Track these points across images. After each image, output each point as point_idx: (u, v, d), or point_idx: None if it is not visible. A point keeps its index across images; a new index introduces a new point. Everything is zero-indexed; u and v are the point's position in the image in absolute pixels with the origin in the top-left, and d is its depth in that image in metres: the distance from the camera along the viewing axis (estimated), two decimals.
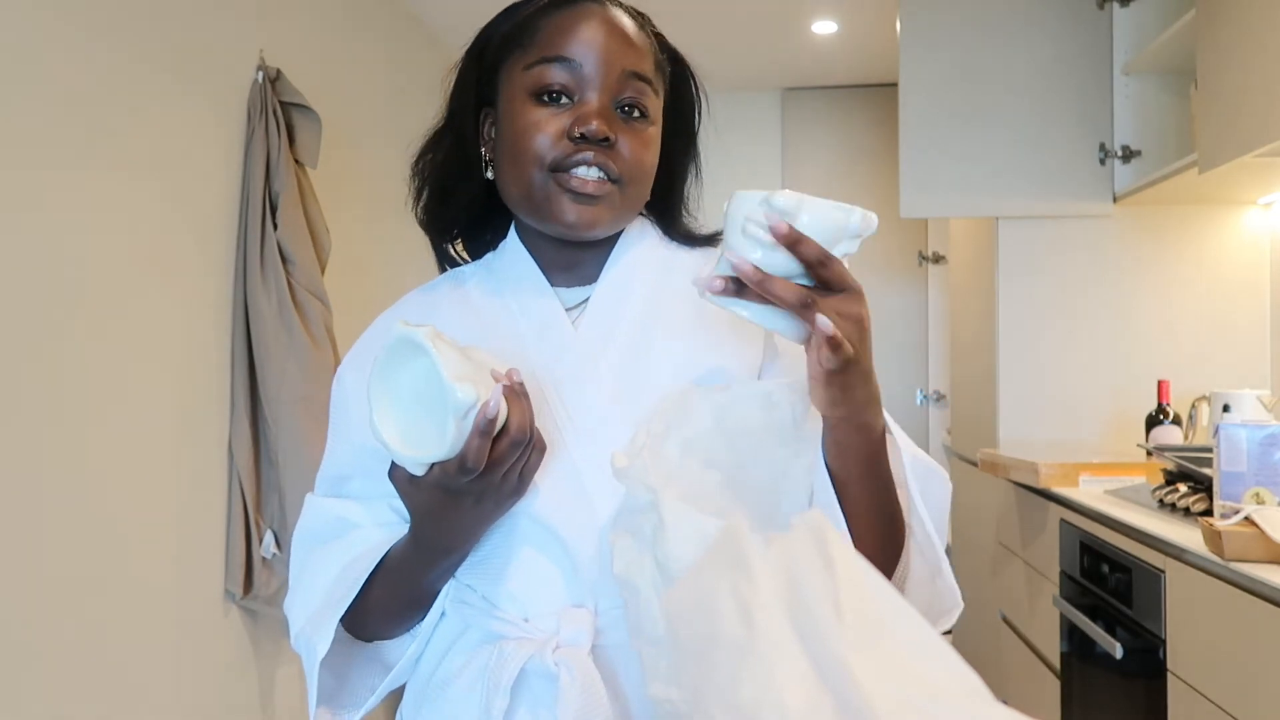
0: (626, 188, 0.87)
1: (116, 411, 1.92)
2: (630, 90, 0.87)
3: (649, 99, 0.89)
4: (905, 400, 4.37)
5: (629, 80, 0.87)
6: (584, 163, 0.85)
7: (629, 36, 0.88)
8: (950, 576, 0.83)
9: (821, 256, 0.70)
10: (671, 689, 0.65)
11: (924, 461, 0.83)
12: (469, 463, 0.73)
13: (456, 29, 3.61)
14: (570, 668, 0.81)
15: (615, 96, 0.87)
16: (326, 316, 2.38)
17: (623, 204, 0.88)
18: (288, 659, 2.55)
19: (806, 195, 0.71)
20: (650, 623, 0.71)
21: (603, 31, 0.87)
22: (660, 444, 0.78)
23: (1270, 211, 2.74)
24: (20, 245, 1.68)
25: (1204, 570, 1.63)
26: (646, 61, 0.89)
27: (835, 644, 0.59)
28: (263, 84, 2.34)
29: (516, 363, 0.88)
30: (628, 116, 0.88)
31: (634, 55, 0.88)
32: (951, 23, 2.84)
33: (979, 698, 0.61)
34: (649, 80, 0.88)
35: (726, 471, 0.78)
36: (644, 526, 0.74)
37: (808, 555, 0.63)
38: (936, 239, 4.29)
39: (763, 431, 0.79)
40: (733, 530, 0.64)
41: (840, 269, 0.71)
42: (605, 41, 0.87)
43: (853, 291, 0.71)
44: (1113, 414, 2.81)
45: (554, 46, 0.86)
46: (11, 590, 1.65)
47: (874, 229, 0.73)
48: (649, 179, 0.90)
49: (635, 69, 0.87)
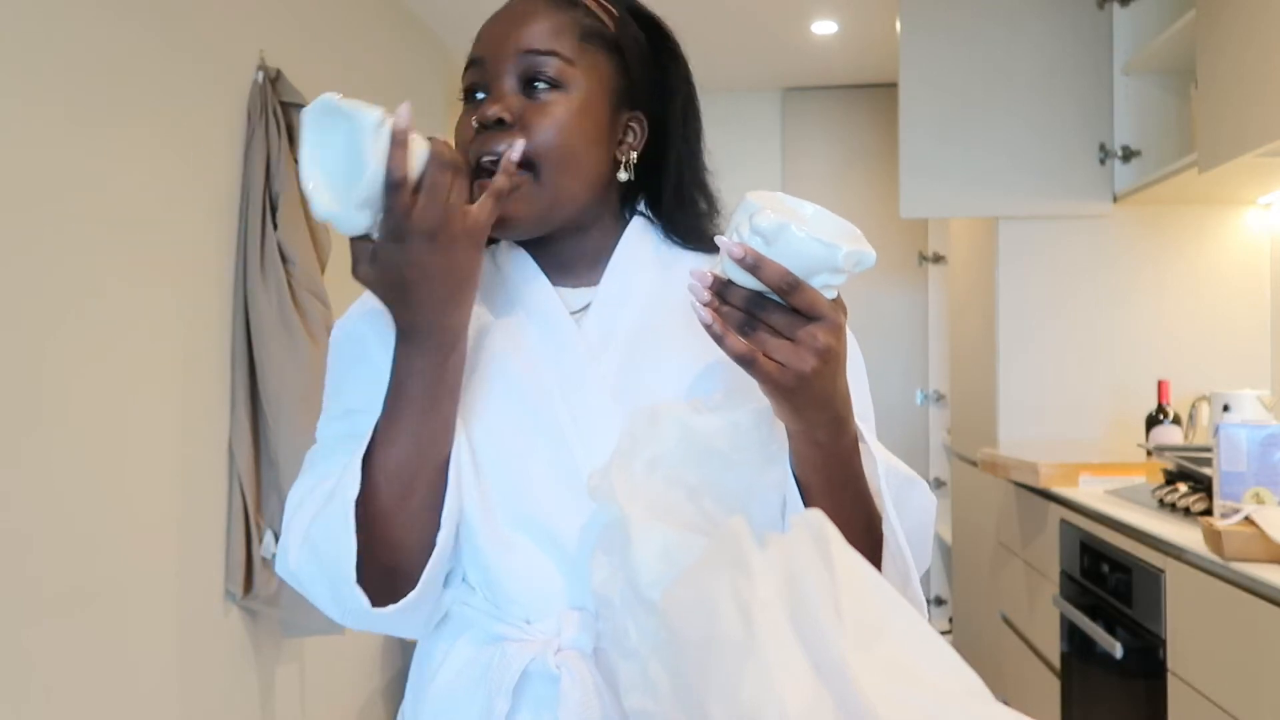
0: (542, 166, 0.84)
1: (116, 411, 1.92)
2: (526, 65, 0.86)
3: (559, 71, 0.86)
4: (905, 400, 4.37)
5: (524, 57, 0.86)
6: (487, 151, 0.84)
7: (531, 15, 0.87)
8: (918, 588, 0.83)
9: (785, 284, 0.70)
10: (648, 700, 0.66)
11: (901, 474, 0.83)
12: (393, 176, 0.73)
13: (456, 29, 3.61)
14: (572, 670, 0.81)
15: (516, 78, 0.86)
16: (326, 316, 2.38)
17: (543, 188, 0.85)
18: (288, 659, 2.55)
19: (796, 219, 0.71)
20: (623, 635, 0.72)
21: (504, 19, 0.88)
22: (628, 462, 0.78)
23: (1270, 211, 2.74)
24: (20, 245, 1.68)
25: (1204, 570, 1.63)
26: (557, 35, 0.87)
27: (835, 644, 0.59)
28: (263, 84, 2.34)
29: (518, 358, 0.88)
30: (532, 91, 0.86)
31: (532, 32, 0.86)
32: (951, 23, 2.84)
33: (979, 698, 0.61)
34: (554, 52, 0.86)
35: (694, 487, 0.79)
36: (615, 542, 0.75)
37: (807, 555, 0.63)
38: (936, 239, 4.29)
39: (730, 450, 0.80)
40: (733, 530, 0.65)
41: (810, 297, 0.71)
42: (503, 28, 0.87)
43: (824, 321, 0.71)
44: (1113, 414, 2.81)
45: (472, 51, 0.89)
46: (11, 590, 1.65)
47: (866, 265, 0.72)
48: (572, 151, 0.86)
49: (530, 45, 0.86)
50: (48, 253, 1.74)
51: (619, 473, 0.77)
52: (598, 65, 0.89)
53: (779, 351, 0.71)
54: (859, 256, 0.71)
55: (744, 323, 0.72)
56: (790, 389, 0.72)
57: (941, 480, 4.27)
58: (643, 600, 0.71)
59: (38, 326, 1.72)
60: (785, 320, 0.71)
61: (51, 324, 1.75)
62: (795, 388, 0.72)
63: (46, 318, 1.74)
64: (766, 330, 0.72)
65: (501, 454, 0.86)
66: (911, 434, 4.34)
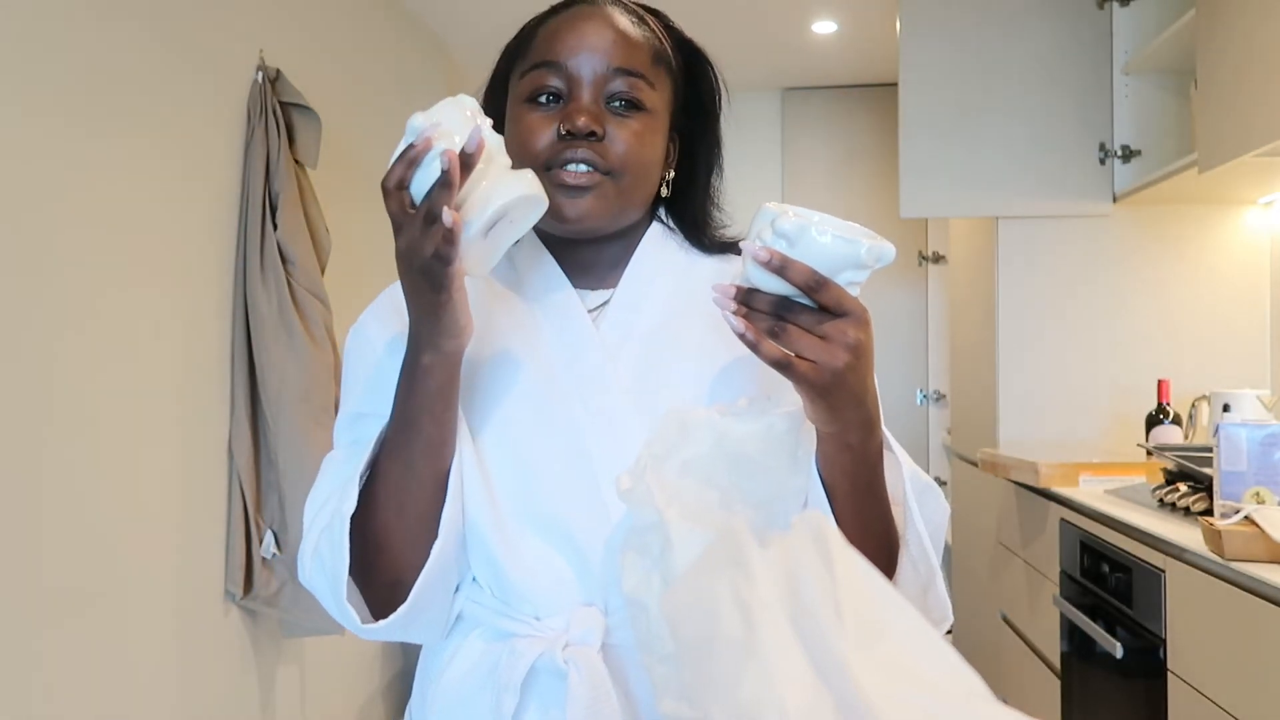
0: (620, 178, 0.88)
1: (116, 411, 1.92)
2: (618, 84, 0.89)
3: (642, 92, 0.89)
4: (905, 400, 4.37)
5: (617, 75, 0.89)
6: (572, 159, 0.86)
7: (620, 33, 0.90)
8: (943, 590, 0.86)
9: (811, 282, 0.71)
10: (683, 705, 0.66)
11: (922, 481, 0.84)
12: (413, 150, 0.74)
13: (457, 29, 3.61)
14: (579, 666, 0.81)
15: (604, 92, 0.88)
16: (326, 316, 2.38)
17: (617, 195, 0.88)
18: (288, 659, 2.55)
19: (816, 219, 0.72)
20: (659, 641, 0.72)
21: (590, 32, 0.89)
22: (661, 465, 0.79)
23: (1270, 211, 2.74)
24: (20, 245, 1.68)
25: (1204, 570, 1.63)
26: (639, 55, 0.90)
27: (835, 644, 0.59)
28: (263, 84, 2.34)
29: (533, 356, 0.89)
30: (618, 110, 0.89)
31: (623, 51, 0.89)
32: (951, 23, 2.84)
33: (979, 698, 0.61)
34: (641, 74, 0.89)
35: (726, 491, 0.79)
36: (651, 545, 0.75)
37: (808, 555, 0.63)
38: (936, 239, 4.29)
39: (761, 455, 0.81)
40: (733, 530, 0.65)
41: (837, 293, 0.72)
42: (592, 41, 0.89)
43: (851, 316, 0.72)
44: (1113, 414, 2.81)
45: (544, 52, 0.90)
46: (12, 590, 1.65)
47: (888, 260, 0.74)
48: (646, 169, 0.90)
49: (623, 65, 0.89)
50: (47, 253, 1.74)
51: (653, 475, 0.78)
52: (664, 88, 0.93)
53: (811, 350, 0.72)
54: (880, 251, 0.73)
55: (773, 327, 0.73)
56: (826, 387, 0.72)
57: (941, 480, 4.27)
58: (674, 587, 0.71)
59: (38, 327, 1.72)
60: (814, 319, 0.72)
61: (51, 324, 1.75)
62: (831, 385, 0.72)
63: (46, 318, 1.74)
64: (797, 331, 0.72)
65: (514, 451, 0.86)
66: (911, 434, 4.34)
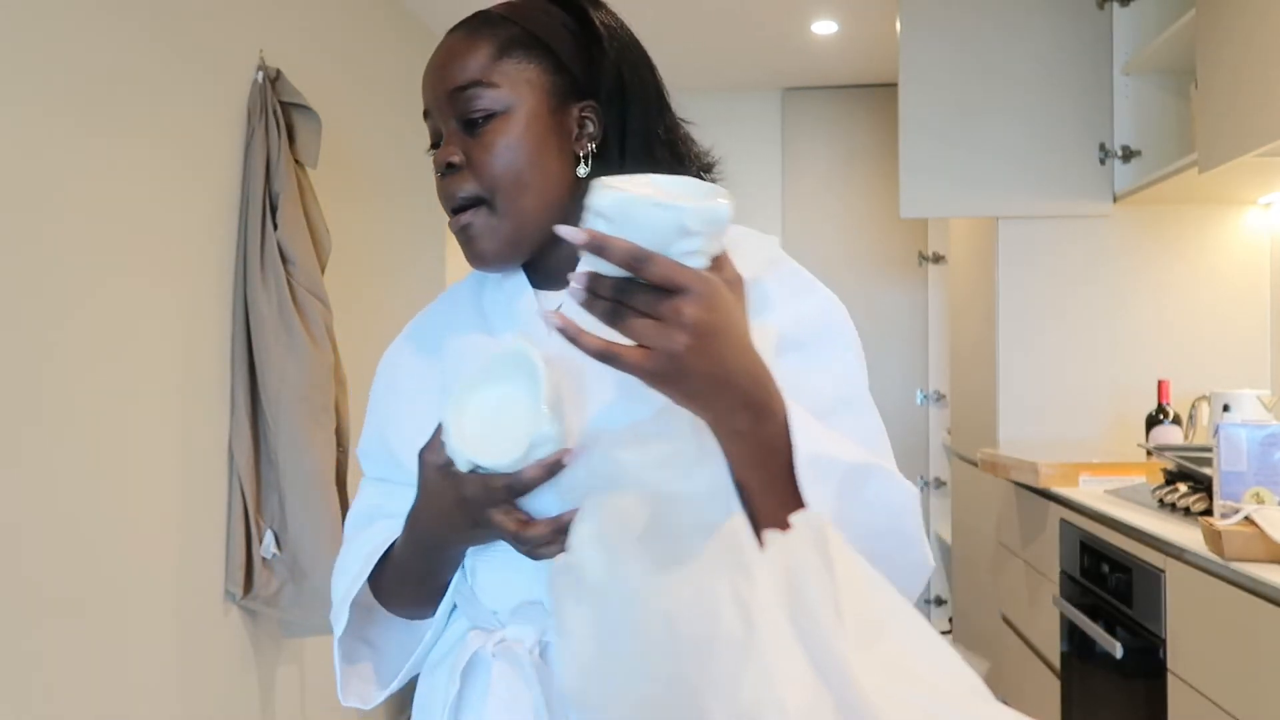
0: (496, 196, 0.86)
1: (116, 411, 1.92)
2: (459, 105, 0.86)
3: (482, 99, 0.85)
4: (905, 400, 4.37)
5: (453, 97, 0.86)
6: (449, 201, 0.88)
7: (448, 54, 0.88)
8: (916, 587, 0.83)
9: (631, 260, 0.64)
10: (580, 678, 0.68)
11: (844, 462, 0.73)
12: (518, 487, 0.76)
13: None
14: (506, 659, 0.85)
15: (455, 119, 0.87)
16: (326, 316, 2.38)
17: (504, 216, 0.86)
18: (288, 659, 2.55)
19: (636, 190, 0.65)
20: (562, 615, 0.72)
21: (432, 68, 0.90)
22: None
23: (1270, 211, 2.74)
24: (19, 245, 1.68)
25: (1204, 570, 1.63)
26: (473, 63, 0.86)
27: (835, 644, 0.59)
28: (263, 84, 2.34)
29: None
30: (474, 130, 0.86)
31: (453, 69, 0.87)
32: (951, 23, 2.84)
33: (979, 698, 0.61)
34: (474, 82, 0.86)
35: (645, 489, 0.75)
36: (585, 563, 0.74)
37: (807, 555, 0.63)
38: (936, 239, 4.29)
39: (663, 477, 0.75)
40: (732, 530, 0.65)
41: (663, 269, 0.64)
42: (433, 77, 0.89)
43: (688, 292, 0.64)
44: (1113, 414, 2.81)
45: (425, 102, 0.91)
46: (12, 590, 1.65)
47: (722, 222, 0.65)
48: (519, 173, 0.85)
49: (454, 84, 0.86)
50: (48, 252, 1.74)
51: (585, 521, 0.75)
52: (525, 73, 0.87)
53: (644, 334, 0.65)
54: (707, 212, 0.64)
55: (611, 312, 0.66)
56: (666, 373, 0.65)
57: (941, 480, 4.27)
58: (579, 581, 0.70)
59: (38, 326, 1.72)
60: (648, 299, 0.65)
61: (52, 324, 1.75)
62: (670, 371, 0.65)
63: (47, 317, 1.74)
64: (632, 315, 0.65)
65: None
66: (911, 434, 4.34)
